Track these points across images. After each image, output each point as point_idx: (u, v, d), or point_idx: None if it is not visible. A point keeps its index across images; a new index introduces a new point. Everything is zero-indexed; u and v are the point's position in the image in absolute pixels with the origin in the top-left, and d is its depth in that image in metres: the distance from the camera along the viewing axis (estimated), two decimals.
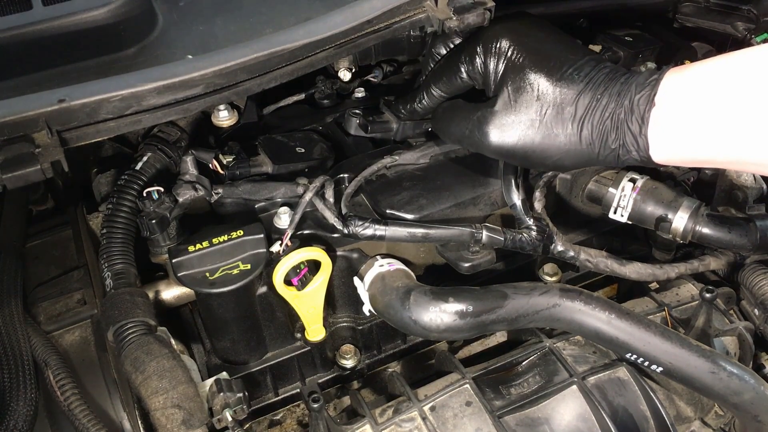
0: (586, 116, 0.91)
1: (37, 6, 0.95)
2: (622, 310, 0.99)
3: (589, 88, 0.91)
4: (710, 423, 1.09)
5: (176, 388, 0.89)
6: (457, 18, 0.97)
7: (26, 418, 0.93)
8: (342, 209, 1.07)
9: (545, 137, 0.93)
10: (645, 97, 0.87)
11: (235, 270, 1.00)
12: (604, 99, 0.90)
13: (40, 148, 0.83)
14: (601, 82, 0.91)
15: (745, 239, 1.09)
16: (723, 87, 0.81)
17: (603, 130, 0.90)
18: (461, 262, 1.08)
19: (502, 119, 0.95)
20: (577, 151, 0.92)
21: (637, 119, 0.87)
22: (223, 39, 0.99)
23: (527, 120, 0.93)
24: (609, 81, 0.91)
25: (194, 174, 1.09)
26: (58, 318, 1.07)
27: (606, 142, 0.90)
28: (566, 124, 0.92)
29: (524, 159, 0.96)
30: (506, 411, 0.99)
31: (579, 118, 0.91)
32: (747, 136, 0.79)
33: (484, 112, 0.97)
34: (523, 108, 0.93)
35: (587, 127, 0.91)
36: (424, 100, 1.09)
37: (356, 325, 1.18)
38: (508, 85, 0.95)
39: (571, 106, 0.91)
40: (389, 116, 1.22)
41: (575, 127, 0.91)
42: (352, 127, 1.23)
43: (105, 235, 1.04)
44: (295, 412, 1.21)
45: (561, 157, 0.94)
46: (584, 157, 0.93)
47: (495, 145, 0.96)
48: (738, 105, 0.79)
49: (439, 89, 1.06)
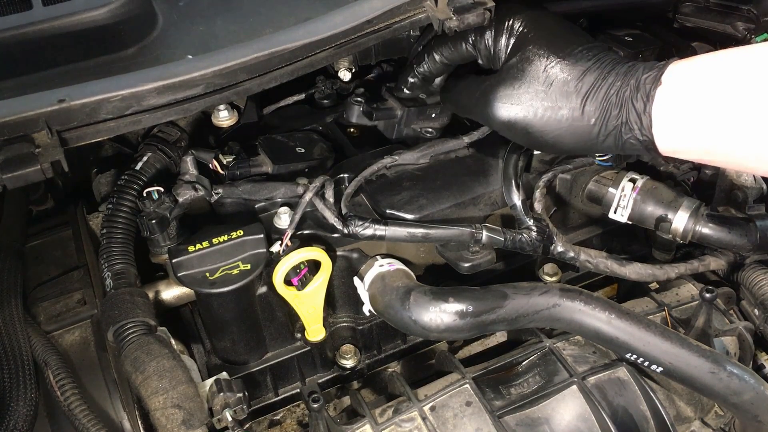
0: (590, 92, 0.91)
1: (37, 6, 0.95)
2: (622, 310, 0.99)
3: (596, 66, 0.92)
4: (710, 423, 1.09)
5: (176, 388, 0.89)
6: (457, 18, 0.97)
7: (26, 418, 0.93)
8: (342, 209, 1.07)
9: (547, 109, 0.93)
10: (652, 77, 0.87)
11: (235, 270, 1.00)
12: (611, 77, 0.90)
13: (40, 148, 0.83)
14: (609, 62, 0.92)
15: (745, 239, 1.09)
16: (730, 77, 0.81)
17: (607, 106, 0.90)
18: (461, 262, 1.08)
19: (507, 90, 0.96)
20: (578, 127, 0.92)
21: (642, 96, 0.87)
22: (223, 39, 0.99)
23: (532, 91, 0.94)
24: (617, 63, 0.92)
25: (194, 174, 1.09)
26: (58, 318, 1.07)
27: (608, 118, 0.90)
28: (570, 97, 0.92)
29: (525, 134, 0.96)
30: (506, 411, 0.99)
31: (584, 93, 0.91)
32: (750, 129, 0.79)
33: (492, 81, 0.98)
34: (528, 80, 0.94)
35: (591, 103, 0.91)
36: (425, 63, 1.11)
37: (356, 325, 1.18)
38: (517, 57, 0.96)
39: (578, 81, 0.92)
40: (393, 103, 1.21)
41: (579, 101, 0.91)
42: (354, 115, 1.22)
43: (105, 235, 1.04)
44: (295, 412, 1.21)
45: (560, 133, 0.94)
46: (584, 136, 0.93)
47: (498, 115, 0.97)
48: (743, 97, 0.79)
49: (441, 54, 1.08)
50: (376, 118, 1.20)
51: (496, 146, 1.17)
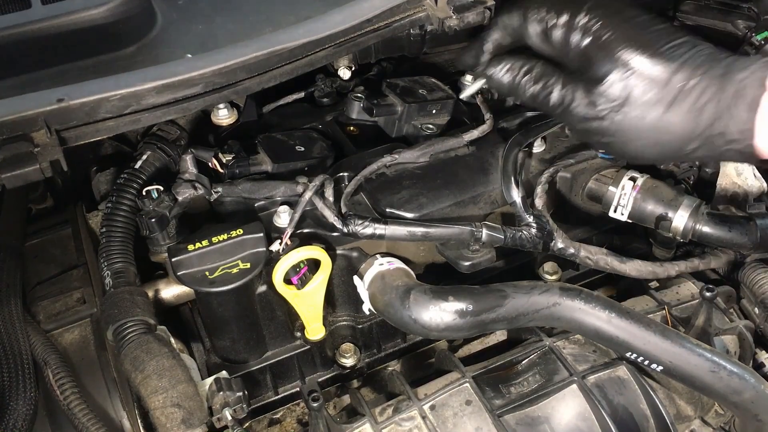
0: (678, 99, 0.80)
1: (36, 5, 0.95)
2: (622, 309, 0.99)
3: (685, 67, 0.80)
4: (710, 422, 1.09)
5: (176, 387, 0.89)
6: (456, 17, 0.97)
7: (26, 417, 0.93)
8: (342, 208, 1.07)
9: (631, 119, 0.83)
10: (755, 80, 0.76)
11: (234, 269, 1.00)
12: (704, 81, 0.79)
13: (39, 148, 0.83)
14: (701, 63, 0.80)
15: (746, 238, 1.09)
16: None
17: (699, 115, 0.79)
18: (461, 261, 1.07)
19: (589, 96, 0.85)
20: (663, 140, 0.83)
21: (743, 105, 0.76)
22: (222, 38, 0.99)
23: (615, 98, 0.83)
24: (711, 61, 0.80)
25: (194, 173, 1.09)
26: (57, 317, 1.07)
27: (701, 129, 0.80)
28: (654, 106, 0.81)
29: (604, 144, 0.87)
30: (506, 410, 0.99)
31: (668, 102, 0.81)
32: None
33: (575, 84, 0.87)
34: (611, 87, 0.83)
35: (676, 113, 0.80)
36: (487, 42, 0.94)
37: (356, 323, 1.18)
38: (596, 60, 0.84)
39: (661, 88, 0.81)
40: (393, 99, 1.21)
41: (662, 110, 0.81)
42: (354, 111, 1.22)
43: (104, 234, 1.04)
44: (294, 410, 1.21)
45: (643, 144, 0.84)
46: (671, 148, 0.83)
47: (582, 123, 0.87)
48: None
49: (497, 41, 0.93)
50: (377, 114, 1.20)
51: (496, 144, 1.17)
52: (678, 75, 0.80)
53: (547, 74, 0.90)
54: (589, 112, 0.86)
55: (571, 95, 0.87)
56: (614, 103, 0.84)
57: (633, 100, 0.82)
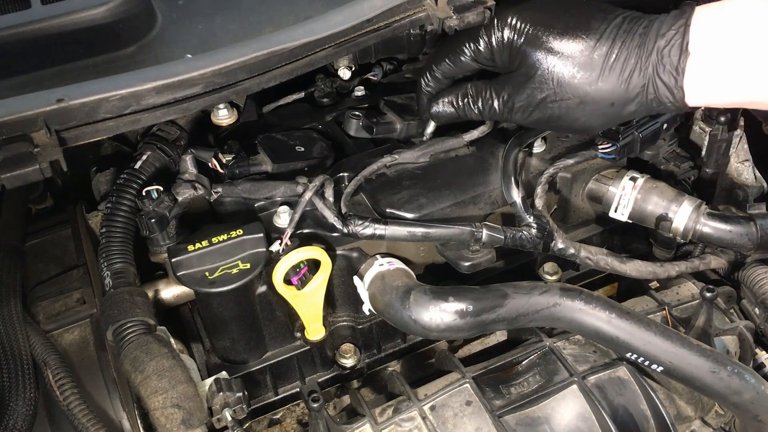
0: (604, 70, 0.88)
1: (36, 5, 0.94)
2: (622, 310, 0.99)
3: (603, 41, 0.88)
4: (710, 422, 1.09)
5: (176, 387, 0.89)
6: (457, 17, 0.96)
7: (25, 417, 0.93)
8: (342, 208, 1.07)
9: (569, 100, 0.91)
10: (677, 47, 0.84)
11: (234, 269, 1.00)
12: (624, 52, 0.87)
13: (38, 148, 0.83)
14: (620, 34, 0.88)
15: (746, 238, 1.09)
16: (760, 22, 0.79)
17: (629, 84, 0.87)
18: (461, 261, 1.07)
19: (525, 91, 0.94)
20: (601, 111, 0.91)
21: (671, 71, 0.84)
22: (222, 38, 0.99)
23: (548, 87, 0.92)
24: (627, 32, 0.88)
25: (194, 173, 1.09)
26: (57, 317, 1.07)
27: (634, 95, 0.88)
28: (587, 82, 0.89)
29: (556, 127, 0.96)
30: (506, 410, 0.99)
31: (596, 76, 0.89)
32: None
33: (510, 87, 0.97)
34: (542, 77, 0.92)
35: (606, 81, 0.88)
36: (430, 83, 1.08)
37: (356, 324, 1.18)
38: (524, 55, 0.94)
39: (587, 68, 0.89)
40: (392, 116, 1.21)
41: (594, 86, 0.89)
42: (352, 129, 1.22)
43: (104, 234, 1.04)
44: (294, 411, 1.21)
45: (587, 119, 0.93)
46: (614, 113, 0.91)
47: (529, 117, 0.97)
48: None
49: (441, 71, 1.05)
50: (376, 132, 1.21)
51: (496, 145, 1.17)
52: (597, 50, 0.88)
53: (481, 89, 1.01)
54: (530, 105, 0.94)
55: (508, 97, 0.97)
56: (550, 92, 0.92)
57: (565, 83, 0.90)
